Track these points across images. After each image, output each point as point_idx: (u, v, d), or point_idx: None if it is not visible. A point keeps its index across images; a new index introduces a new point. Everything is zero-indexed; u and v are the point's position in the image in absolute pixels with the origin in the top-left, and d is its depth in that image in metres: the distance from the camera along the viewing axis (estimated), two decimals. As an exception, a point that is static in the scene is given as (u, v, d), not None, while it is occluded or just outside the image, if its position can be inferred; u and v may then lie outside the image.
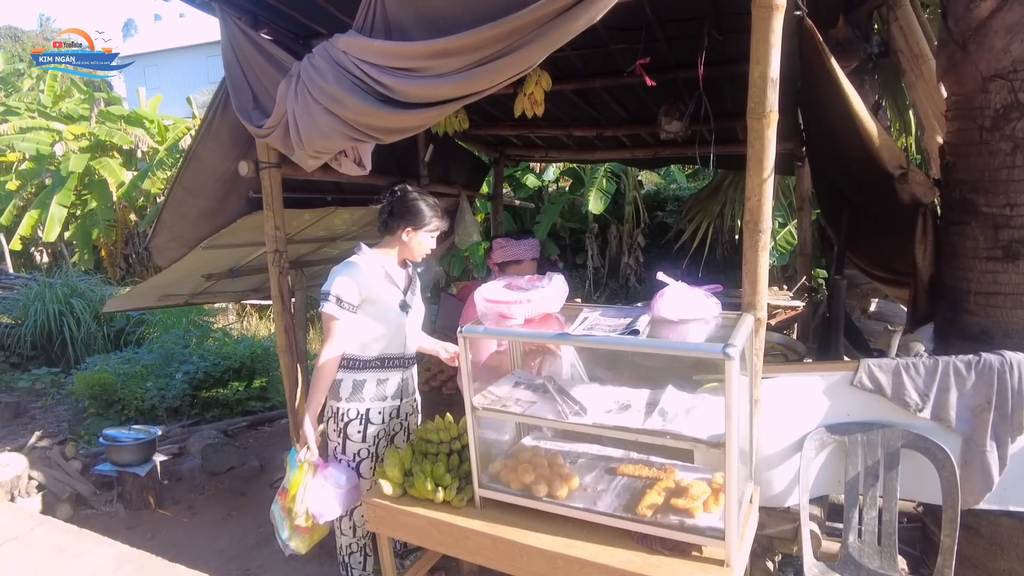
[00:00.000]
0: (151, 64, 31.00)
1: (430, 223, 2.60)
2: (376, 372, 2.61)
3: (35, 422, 5.91)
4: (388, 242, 2.64)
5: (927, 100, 2.95)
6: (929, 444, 2.21)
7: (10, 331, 7.71)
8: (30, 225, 10.65)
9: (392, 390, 2.66)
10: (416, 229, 2.58)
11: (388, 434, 2.70)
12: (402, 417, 2.75)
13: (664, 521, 1.90)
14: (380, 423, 2.64)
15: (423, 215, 2.57)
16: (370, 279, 2.55)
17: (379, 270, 2.59)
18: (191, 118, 12.08)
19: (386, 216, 2.60)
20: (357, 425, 2.60)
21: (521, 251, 3.05)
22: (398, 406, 2.71)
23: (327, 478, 2.52)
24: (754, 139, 1.98)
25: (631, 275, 9.55)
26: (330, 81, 2.32)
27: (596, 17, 1.86)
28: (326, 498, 2.50)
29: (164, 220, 3.55)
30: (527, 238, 3.12)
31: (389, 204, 2.59)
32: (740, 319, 1.99)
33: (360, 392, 2.59)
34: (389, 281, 2.61)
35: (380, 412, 2.63)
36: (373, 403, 2.62)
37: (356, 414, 2.60)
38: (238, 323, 8.84)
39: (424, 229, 2.59)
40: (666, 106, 3.68)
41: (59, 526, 3.51)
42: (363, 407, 2.60)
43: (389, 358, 2.64)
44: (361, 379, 2.60)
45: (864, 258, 3.73)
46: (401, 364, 2.68)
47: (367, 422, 2.61)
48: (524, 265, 3.04)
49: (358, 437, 2.61)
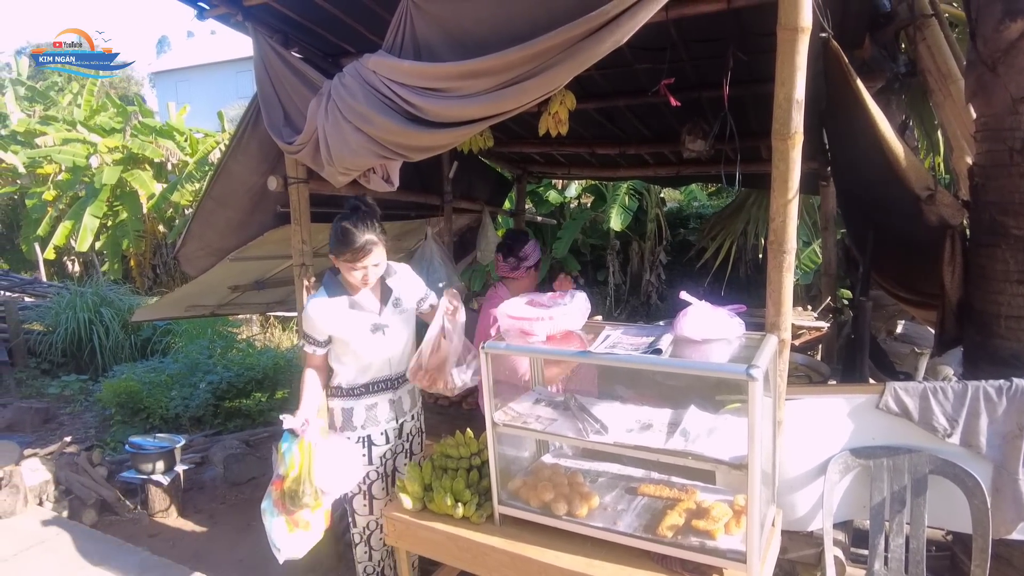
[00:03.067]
0: (183, 79, 31.81)
1: (340, 252, 2.35)
2: (363, 399, 2.54)
3: (63, 428, 6.03)
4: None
5: (955, 120, 2.92)
6: (958, 471, 2.17)
7: (42, 338, 7.89)
8: (64, 235, 10.91)
9: (384, 413, 2.58)
10: (334, 257, 2.40)
11: (395, 453, 2.65)
12: (403, 437, 2.69)
13: (685, 542, 1.88)
14: (385, 443, 2.59)
15: (335, 241, 2.36)
16: (331, 313, 2.42)
17: (342, 300, 2.44)
18: (221, 132, 12.33)
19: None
20: (361, 449, 2.55)
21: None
22: (399, 425, 2.64)
23: (332, 447, 2.40)
24: (779, 160, 1.99)
25: (652, 292, 9.50)
26: (360, 100, 2.37)
27: (623, 39, 1.89)
28: (333, 471, 2.35)
29: (193, 230, 3.63)
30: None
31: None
32: (764, 339, 1.98)
33: (351, 420, 2.54)
34: (355, 308, 2.46)
35: (383, 433, 2.59)
36: (369, 428, 2.56)
37: (358, 440, 2.55)
38: (261, 334, 8.94)
39: (338, 258, 2.37)
40: (689, 125, 3.69)
41: (84, 532, 3.58)
42: (363, 434, 2.55)
43: (373, 383, 2.55)
44: (349, 407, 2.53)
45: (890, 279, 3.68)
46: (388, 386, 2.59)
47: (371, 444, 2.56)
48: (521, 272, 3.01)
49: (363, 461, 2.56)
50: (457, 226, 5.16)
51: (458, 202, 4.78)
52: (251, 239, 3.49)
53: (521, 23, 2.03)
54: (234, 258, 3.59)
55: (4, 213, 14.21)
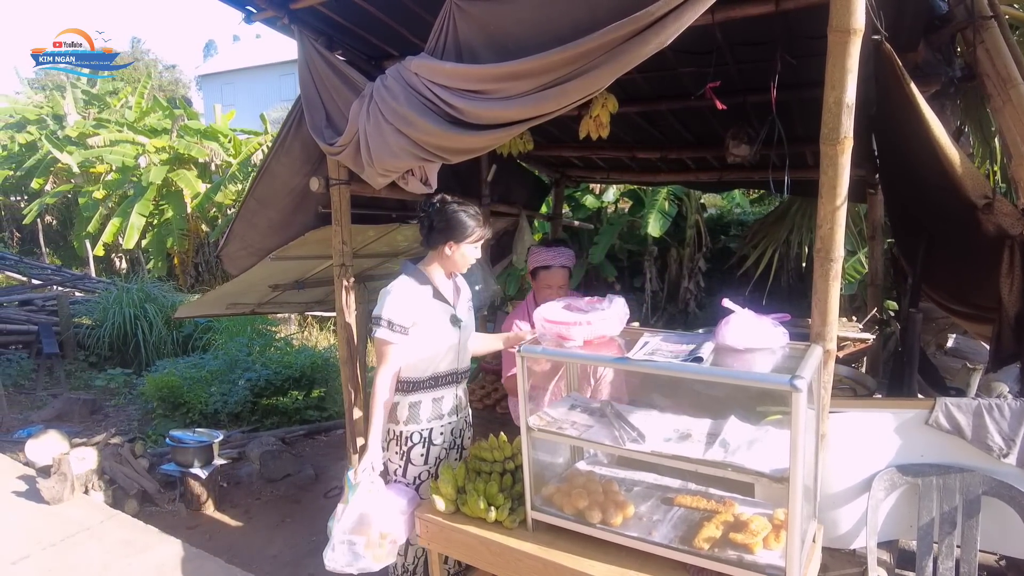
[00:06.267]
0: (228, 82, 32.66)
1: (472, 234, 2.48)
2: (431, 392, 2.55)
3: (108, 420, 6.23)
4: (432, 257, 2.55)
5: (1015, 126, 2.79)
6: (1015, 493, 2.07)
7: (90, 332, 8.18)
8: (112, 232, 11.29)
9: (448, 407, 2.60)
10: (459, 242, 2.47)
11: (447, 450, 2.64)
12: (455, 435, 2.69)
13: (722, 555, 1.83)
14: (441, 444, 2.59)
15: (464, 227, 2.46)
16: (419, 300, 2.47)
17: (427, 288, 2.50)
18: (264, 134, 12.61)
19: (427, 231, 2.50)
20: (420, 448, 2.54)
21: (549, 257, 3.06)
22: (453, 423, 2.65)
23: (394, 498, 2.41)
24: (827, 166, 1.93)
25: (691, 300, 9.35)
26: (401, 102, 2.38)
27: (666, 42, 1.86)
28: (396, 520, 2.36)
29: (236, 230, 3.70)
30: (558, 246, 3.12)
31: (428, 218, 2.49)
32: (808, 350, 1.92)
33: (417, 414, 2.53)
34: (438, 298, 2.52)
35: (441, 432, 2.58)
36: (433, 423, 2.55)
37: (420, 438, 2.54)
38: (299, 333, 9.09)
39: (467, 241, 2.48)
40: (734, 130, 3.62)
41: (127, 521, 3.67)
42: (425, 429, 2.54)
43: (443, 375, 2.56)
44: (416, 400, 2.52)
45: (941, 291, 3.55)
46: (455, 380, 2.62)
47: (430, 443, 2.55)
48: (553, 271, 3.05)
49: (420, 460, 2.54)
50: (494, 229, 5.16)
51: (495, 205, 4.78)
52: (292, 239, 3.54)
53: (563, 24, 2.01)
54: (275, 257, 3.64)
55: (59, 211, 14.79)
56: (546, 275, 3.07)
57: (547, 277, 3.07)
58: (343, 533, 2.29)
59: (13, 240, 15.31)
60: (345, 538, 2.29)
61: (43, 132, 13.69)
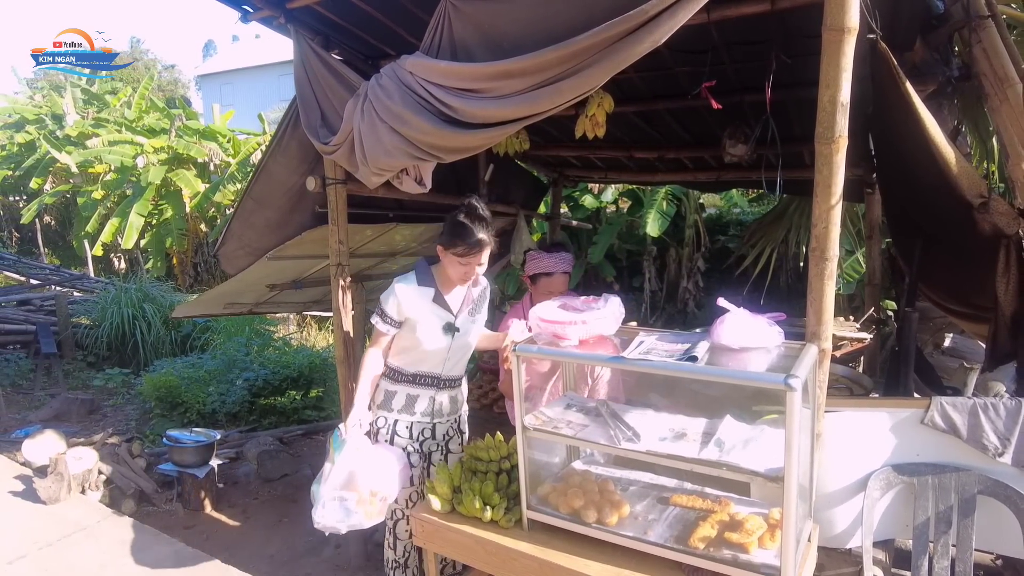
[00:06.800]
0: (227, 82, 32.66)
1: (454, 246, 2.42)
2: (408, 387, 2.61)
3: (106, 419, 6.22)
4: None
5: (1012, 126, 2.79)
6: (1010, 492, 2.07)
7: (88, 332, 8.17)
8: (111, 232, 11.28)
9: (422, 407, 2.62)
10: (445, 248, 2.46)
11: (420, 452, 2.65)
12: (439, 438, 2.70)
13: (717, 555, 1.84)
14: (407, 437, 2.61)
15: (451, 233, 2.44)
16: (414, 300, 2.50)
17: (429, 290, 2.52)
18: (262, 134, 12.60)
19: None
20: (384, 435, 2.61)
21: (551, 263, 2.99)
22: (432, 425, 2.66)
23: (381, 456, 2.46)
24: (822, 164, 1.93)
25: (690, 300, 9.34)
26: (396, 101, 2.38)
27: (660, 40, 1.86)
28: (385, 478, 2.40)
29: (233, 229, 3.69)
30: (559, 251, 3.05)
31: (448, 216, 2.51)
32: (804, 349, 1.92)
33: (390, 403, 2.61)
34: (438, 302, 2.53)
35: (408, 427, 2.61)
36: (400, 415, 2.61)
37: (384, 423, 2.61)
38: (298, 333, 9.08)
39: (450, 250, 2.44)
40: (730, 129, 3.62)
41: (123, 521, 3.67)
42: (391, 418, 2.61)
43: (423, 376, 2.61)
44: (393, 390, 2.61)
45: (938, 290, 3.55)
46: (434, 384, 2.63)
47: (394, 434, 2.61)
48: (554, 278, 2.99)
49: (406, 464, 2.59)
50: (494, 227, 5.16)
51: (493, 205, 4.77)
52: (289, 239, 3.53)
53: (558, 23, 2.01)
54: (272, 257, 3.64)
55: (57, 211, 14.78)
56: (547, 281, 2.99)
57: (548, 283, 2.99)
58: (333, 490, 2.32)
59: (12, 240, 15.30)
60: (336, 494, 2.31)
61: (42, 132, 13.67)
